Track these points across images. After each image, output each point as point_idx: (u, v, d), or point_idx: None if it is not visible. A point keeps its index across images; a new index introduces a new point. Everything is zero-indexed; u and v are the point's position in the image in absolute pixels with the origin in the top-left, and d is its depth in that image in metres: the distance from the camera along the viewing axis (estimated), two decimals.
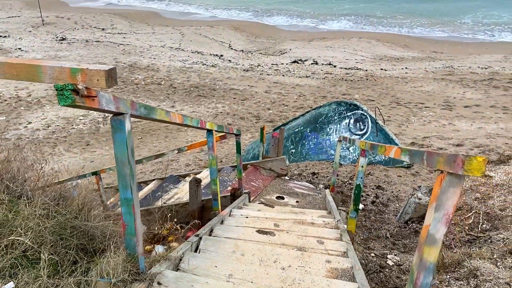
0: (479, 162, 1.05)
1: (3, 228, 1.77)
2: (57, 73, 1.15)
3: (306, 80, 13.24)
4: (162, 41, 17.54)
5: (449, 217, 1.19)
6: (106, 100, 1.27)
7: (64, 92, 1.10)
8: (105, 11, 22.87)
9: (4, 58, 1.18)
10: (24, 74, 1.17)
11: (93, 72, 1.12)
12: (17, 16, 21.16)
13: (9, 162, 2.54)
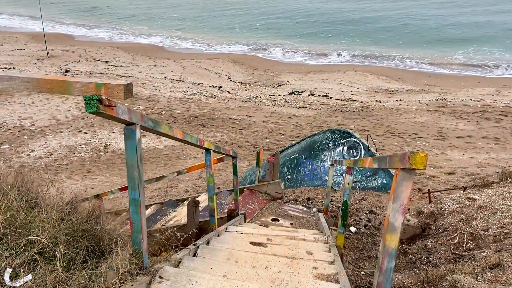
0: (421, 157, 1.29)
1: (22, 230, 1.98)
2: (85, 87, 1.41)
3: (303, 110, 13.61)
4: (163, 73, 18.07)
5: (405, 207, 1.41)
6: (122, 111, 1.53)
7: (91, 101, 1.35)
8: (109, 44, 23.60)
9: (41, 75, 1.43)
10: (57, 89, 1.42)
11: (114, 86, 1.39)
12: (23, 49, 21.83)
13: (23, 175, 2.79)
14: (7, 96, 14.01)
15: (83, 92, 1.84)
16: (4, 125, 11.71)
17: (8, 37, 24.42)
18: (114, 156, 10.04)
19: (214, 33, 26.43)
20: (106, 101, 1.41)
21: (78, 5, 34.76)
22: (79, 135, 11.26)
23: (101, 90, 1.88)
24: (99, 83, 1.76)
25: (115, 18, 30.31)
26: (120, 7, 34.17)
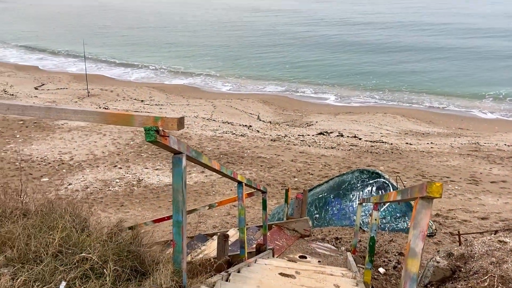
0: (437, 186, 1.43)
1: (76, 247, 2.19)
2: (145, 120, 1.63)
3: (331, 151, 13.70)
4: (195, 112, 18.71)
5: (424, 233, 1.53)
6: (173, 141, 1.74)
7: (150, 132, 1.57)
8: (145, 84, 24.77)
9: (107, 110, 1.68)
10: (121, 121, 1.65)
11: (169, 119, 1.60)
12: (65, 88, 23.20)
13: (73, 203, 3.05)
14: (49, 132, 14.87)
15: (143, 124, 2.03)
16: (45, 159, 12.36)
17: (52, 77, 26.06)
18: (146, 191, 10.36)
19: (246, 73, 27.32)
20: (162, 132, 1.63)
21: (119, 46, 36.90)
22: (114, 170, 11.72)
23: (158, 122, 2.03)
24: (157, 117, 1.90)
25: (153, 58, 31.90)
26: (157, 48, 36.01)
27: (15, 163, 11.98)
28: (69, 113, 1.71)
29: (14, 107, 1.74)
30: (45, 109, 1.73)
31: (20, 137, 14.06)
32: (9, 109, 1.74)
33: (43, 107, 1.73)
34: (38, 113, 1.75)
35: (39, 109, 1.74)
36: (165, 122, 1.60)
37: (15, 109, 1.75)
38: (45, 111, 1.72)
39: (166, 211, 9.25)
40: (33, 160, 12.23)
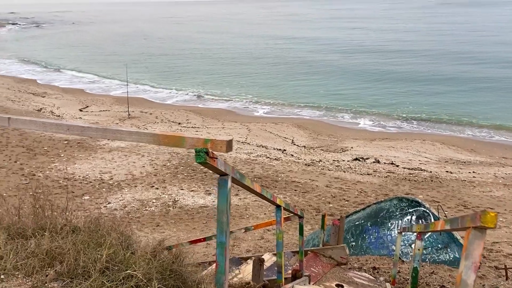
0: (492, 216, 1.38)
1: (121, 264, 2.25)
2: (195, 142, 1.69)
3: (367, 177, 13.43)
4: (230, 135, 18.97)
5: (477, 265, 1.47)
6: (220, 163, 1.79)
7: (200, 153, 1.63)
8: (183, 107, 25.43)
9: (161, 132, 1.76)
10: (173, 142, 1.72)
11: (218, 142, 1.65)
12: (108, 110, 24.20)
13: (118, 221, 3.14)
14: (91, 151, 15.47)
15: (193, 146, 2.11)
16: (87, 178, 12.83)
17: (96, 99, 27.28)
18: (181, 212, 10.49)
19: (281, 98, 27.54)
20: (211, 154, 1.68)
21: (159, 71, 38.32)
22: (151, 190, 11.98)
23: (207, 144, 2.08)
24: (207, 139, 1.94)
25: (191, 83, 32.85)
26: (196, 74, 37.07)
27: (59, 181, 12.51)
28: (124, 134, 1.80)
29: (73, 128, 1.85)
30: (102, 130, 1.83)
31: (64, 156, 14.70)
32: (69, 129, 1.86)
33: (100, 128, 1.84)
34: (95, 133, 1.85)
35: (96, 130, 1.85)
36: (214, 144, 1.65)
37: (74, 130, 1.86)
38: (102, 132, 1.82)
39: (200, 233, 9.33)
40: (75, 178, 12.72)
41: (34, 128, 1.96)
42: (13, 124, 1.99)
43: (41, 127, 1.91)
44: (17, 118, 1.97)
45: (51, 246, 2.40)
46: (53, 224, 2.90)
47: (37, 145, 15.62)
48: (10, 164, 13.66)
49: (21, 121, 1.99)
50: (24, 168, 13.36)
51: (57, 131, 1.90)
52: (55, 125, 1.88)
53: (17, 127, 2.09)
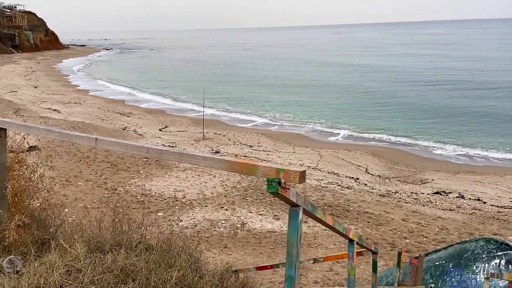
0: None
1: None
2: (267, 170, 1.64)
3: (449, 213, 12.43)
4: (301, 160, 18.80)
5: None
6: (292, 193, 1.72)
7: (273, 183, 1.57)
8: (254, 130, 25.87)
9: (234, 159, 1.75)
10: (245, 170, 1.69)
11: (291, 172, 1.59)
12: (184, 130, 25.39)
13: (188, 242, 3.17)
14: (167, 170, 16.22)
15: (265, 175, 2.09)
16: (162, 195, 13.42)
17: (174, 120, 28.80)
18: (249, 235, 10.49)
19: (355, 124, 26.91)
20: (283, 184, 1.62)
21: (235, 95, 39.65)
22: (220, 211, 12.18)
23: (280, 174, 2.06)
24: (279, 168, 1.91)
25: (262, 107, 33.46)
26: (268, 98, 37.72)
27: (137, 196, 13.24)
28: (198, 159, 1.82)
29: (153, 151, 1.91)
30: (179, 154, 1.87)
31: (143, 173, 15.57)
32: (149, 152, 1.92)
33: (177, 152, 1.87)
34: (172, 157, 1.89)
35: (173, 154, 1.89)
36: (287, 175, 1.59)
37: (153, 152, 1.92)
38: (178, 156, 1.86)
39: (267, 258, 9.22)
40: (152, 195, 13.38)
41: (118, 149, 2.06)
42: (100, 145, 2.11)
43: (124, 149, 2.00)
44: (103, 139, 2.08)
45: (125, 263, 2.47)
46: (129, 240, 3.00)
47: (120, 162, 16.76)
48: (96, 177, 14.78)
49: (106, 142, 2.11)
50: (108, 182, 14.36)
51: (138, 153, 1.97)
52: (137, 147, 1.95)
53: (103, 147, 2.21)
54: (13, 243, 2.70)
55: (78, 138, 2.18)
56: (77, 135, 2.23)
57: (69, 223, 5.22)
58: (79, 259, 2.54)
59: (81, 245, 2.72)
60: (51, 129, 2.52)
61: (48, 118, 25.49)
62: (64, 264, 2.46)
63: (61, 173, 15.04)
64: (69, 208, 12.08)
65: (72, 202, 12.43)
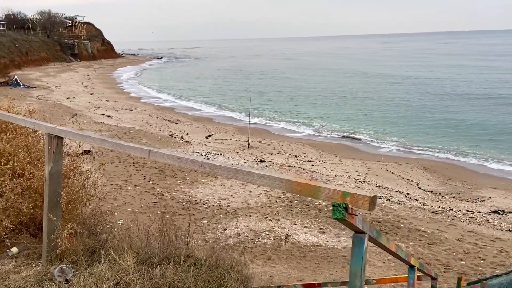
0: None
1: None
2: (332, 193, 1.49)
3: (509, 234, 11.53)
4: (348, 172, 18.29)
5: None
6: (358, 220, 1.55)
7: (338, 208, 1.42)
8: (300, 140, 25.61)
9: (294, 178, 1.61)
10: (306, 191, 1.55)
11: (360, 197, 1.43)
12: (230, 139, 25.59)
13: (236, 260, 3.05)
14: (212, 177, 16.34)
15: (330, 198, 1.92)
16: (206, 202, 13.50)
17: (220, 128, 29.14)
18: (293, 248, 10.26)
19: (406, 136, 25.92)
20: (350, 210, 1.46)
21: (282, 104, 39.61)
22: (264, 221, 12.04)
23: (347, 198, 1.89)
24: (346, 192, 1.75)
25: (309, 117, 33.12)
26: (315, 108, 37.36)
27: (183, 203, 13.41)
28: (255, 177, 1.70)
29: (206, 165, 1.82)
30: (233, 171, 1.76)
31: (189, 180, 15.79)
32: (202, 166, 1.83)
33: (231, 168, 1.77)
34: (226, 173, 1.79)
35: (227, 170, 1.79)
36: (354, 199, 1.43)
37: (207, 167, 1.83)
38: (233, 172, 1.76)
39: (312, 274, 8.95)
40: (197, 202, 13.49)
41: (170, 162, 2.00)
42: (153, 157, 2.06)
43: (176, 161, 1.93)
44: (156, 152, 2.03)
45: (174, 280, 2.39)
46: (177, 254, 2.93)
47: (168, 168, 17.12)
48: (144, 183, 15.16)
49: (159, 155, 2.05)
50: (155, 188, 14.68)
51: (191, 167, 1.89)
52: (190, 161, 1.87)
53: (156, 159, 2.16)
54: (65, 251, 2.73)
55: (132, 149, 2.15)
56: (130, 146, 2.20)
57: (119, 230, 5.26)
58: (128, 271, 2.49)
59: (130, 256, 2.68)
60: (105, 139, 2.52)
61: (101, 123, 26.67)
62: (114, 277, 2.42)
63: (112, 177, 15.58)
64: (118, 212, 12.44)
65: (121, 206, 12.79)
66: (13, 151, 3.41)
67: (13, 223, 3.23)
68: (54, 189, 2.91)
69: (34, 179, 3.29)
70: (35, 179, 3.28)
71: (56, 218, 2.91)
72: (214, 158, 19.44)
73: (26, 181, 3.31)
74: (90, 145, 20.35)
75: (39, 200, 3.24)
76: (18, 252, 3.20)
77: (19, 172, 3.37)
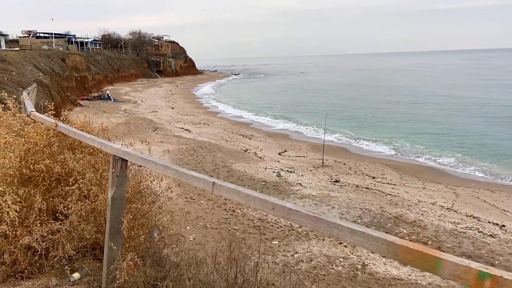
0: None
1: None
2: (460, 271, 1.02)
3: None
4: (432, 198, 16.76)
5: None
6: None
7: None
8: (378, 161, 24.22)
9: (401, 240, 1.17)
10: (419, 262, 1.10)
11: (508, 282, 0.93)
12: (303, 156, 25.02)
13: None
14: (285, 195, 15.93)
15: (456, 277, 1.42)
16: (277, 221, 13.10)
17: (294, 145, 28.70)
18: (370, 280, 9.42)
19: (500, 161, 23.37)
20: None
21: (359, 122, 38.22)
22: (339, 247, 11.31)
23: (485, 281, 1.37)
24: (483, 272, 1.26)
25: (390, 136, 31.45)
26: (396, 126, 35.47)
27: (254, 220, 13.15)
28: (343, 232, 1.28)
29: (279, 208, 1.45)
30: (314, 219, 1.36)
31: None
32: (274, 208, 1.46)
33: (311, 215, 1.37)
34: (304, 221, 1.40)
35: (306, 217, 1.40)
36: (497, 285, 0.94)
37: (280, 211, 1.46)
38: (313, 221, 1.36)
39: None
40: (268, 221, 13.15)
41: (237, 199, 1.66)
42: (217, 191, 1.73)
43: (244, 199, 1.59)
44: (221, 185, 1.70)
45: None
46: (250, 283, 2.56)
47: (240, 183, 17.05)
48: (217, 197, 15.20)
49: (225, 189, 1.72)
50: (227, 203, 14.63)
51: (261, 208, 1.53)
52: (260, 201, 1.51)
53: (220, 194, 1.84)
54: (123, 285, 2.50)
55: (195, 179, 1.86)
56: (193, 175, 1.92)
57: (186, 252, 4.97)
58: None
59: None
60: (168, 165, 2.28)
61: (180, 137, 27.72)
62: None
63: (186, 190, 15.87)
64: (190, 226, 12.52)
65: (193, 220, 12.88)
66: (81, 170, 3.36)
67: (76, 246, 3.15)
68: (116, 215, 2.75)
69: (98, 202, 3.19)
70: (99, 202, 3.17)
71: (116, 246, 2.73)
72: (287, 176, 19.03)
73: (91, 203, 3.22)
74: (168, 158, 21.08)
75: (103, 225, 3.11)
76: (79, 278, 3.10)
77: (85, 194, 3.30)
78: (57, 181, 3.46)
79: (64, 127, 3.88)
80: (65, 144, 3.77)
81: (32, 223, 3.14)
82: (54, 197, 3.40)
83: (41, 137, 3.56)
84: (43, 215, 3.22)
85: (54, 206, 3.35)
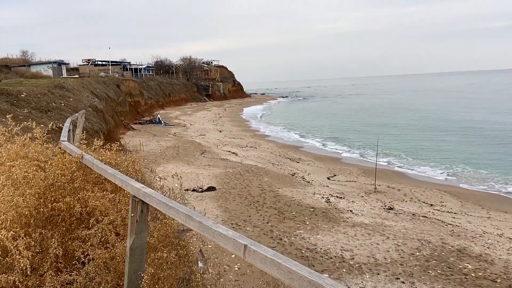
0: None
1: None
2: None
3: None
4: (499, 229, 15.16)
5: None
6: None
7: None
8: (435, 186, 22.62)
9: None
10: None
11: None
12: (354, 181, 23.90)
13: None
14: (334, 223, 15.06)
15: None
16: (327, 252, 12.28)
17: (344, 169, 27.62)
18: None
19: None
20: None
21: (414, 145, 36.39)
22: (395, 283, 10.32)
23: None
24: None
25: (447, 160, 29.51)
26: (454, 151, 33.36)
27: (302, 250, 12.42)
28: None
29: None
30: None
31: (309, 224, 14.79)
32: None
33: None
34: None
35: None
36: None
37: None
38: None
39: None
40: (316, 251, 12.38)
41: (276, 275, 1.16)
42: (250, 258, 1.25)
43: (286, 277, 1.09)
44: (256, 251, 1.22)
45: None
46: None
47: (287, 209, 16.42)
48: (263, 224, 14.65)
49: (260, 257, 1.23)
50: (274, 230, 14.03)
51: None
52: (308, 283, 1.01)
53: (253, 263, 1.36)
54: None
55: (222, 238, 1.40)
56: (220, 233, 1.46)
57: None
58: None
59: None
60: (191, 215, 1.84)
61: (227, 160, 27.61)
62: None
63: (232, 215, 15.48)
64: (235, 255, 12.00)
65: None
66: (104, 210, 3.01)
67: None
68: (136, 268, 2.34)
69: (116, 249, 2.79)
70: (118, 250, 2.78)
71: None
72: (337, 202, 18.11)
73: (111, 250, 2.85)
74: (214, 180, 20.89)
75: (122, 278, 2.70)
76: None
77: (106, 238, 2.93)
78: (78, 221, 3.13)
79: (89, 159, 3.54)
80: (91, 177, 3.47)
81: (46, 271, 2.81)
82: (73, 240, 3.06)
83: (62, 171, 3.27)
84: (59, 261, 2.89)
85: (72, 251, 3.01)
